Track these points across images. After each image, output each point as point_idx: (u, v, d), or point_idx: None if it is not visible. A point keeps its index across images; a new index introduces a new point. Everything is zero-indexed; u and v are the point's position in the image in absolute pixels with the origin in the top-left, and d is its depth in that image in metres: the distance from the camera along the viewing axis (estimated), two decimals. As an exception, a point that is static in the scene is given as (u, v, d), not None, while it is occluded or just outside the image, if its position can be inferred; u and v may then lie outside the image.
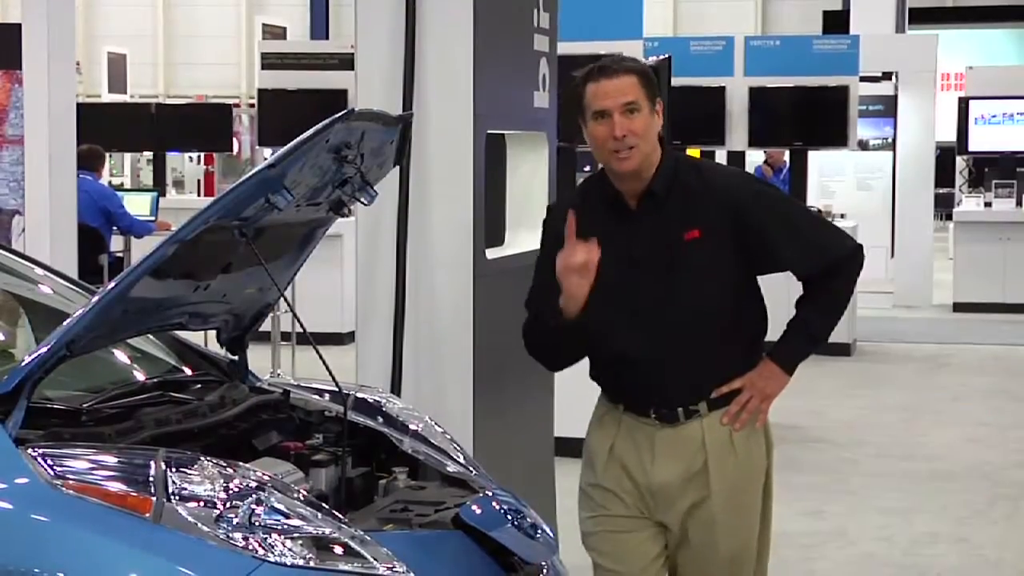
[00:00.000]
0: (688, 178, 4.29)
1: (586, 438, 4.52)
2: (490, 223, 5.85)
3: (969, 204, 19.26)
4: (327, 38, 29.56)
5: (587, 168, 18.03)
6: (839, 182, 20.02)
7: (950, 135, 19.03)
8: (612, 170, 4.28)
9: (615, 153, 4.19)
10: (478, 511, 4.33)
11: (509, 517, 4.53)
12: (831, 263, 4.33)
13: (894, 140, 19.20)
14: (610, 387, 4.46)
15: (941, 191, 20.34)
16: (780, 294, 4.76)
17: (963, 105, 18.40)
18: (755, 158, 16.67)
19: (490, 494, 4.53)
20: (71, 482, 3.91)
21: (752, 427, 4.35)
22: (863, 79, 15.27)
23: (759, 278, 4.49)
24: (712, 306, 4.28)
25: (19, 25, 10.08)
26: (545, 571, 4.47)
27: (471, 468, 4.77)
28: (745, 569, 4.46)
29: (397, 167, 4.97)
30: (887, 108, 19.73)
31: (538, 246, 6.33)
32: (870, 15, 21.07)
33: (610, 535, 4.43)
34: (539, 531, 4.71)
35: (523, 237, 6.24)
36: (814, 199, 16.16)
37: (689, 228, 4.23)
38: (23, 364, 4.14)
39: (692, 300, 4.25)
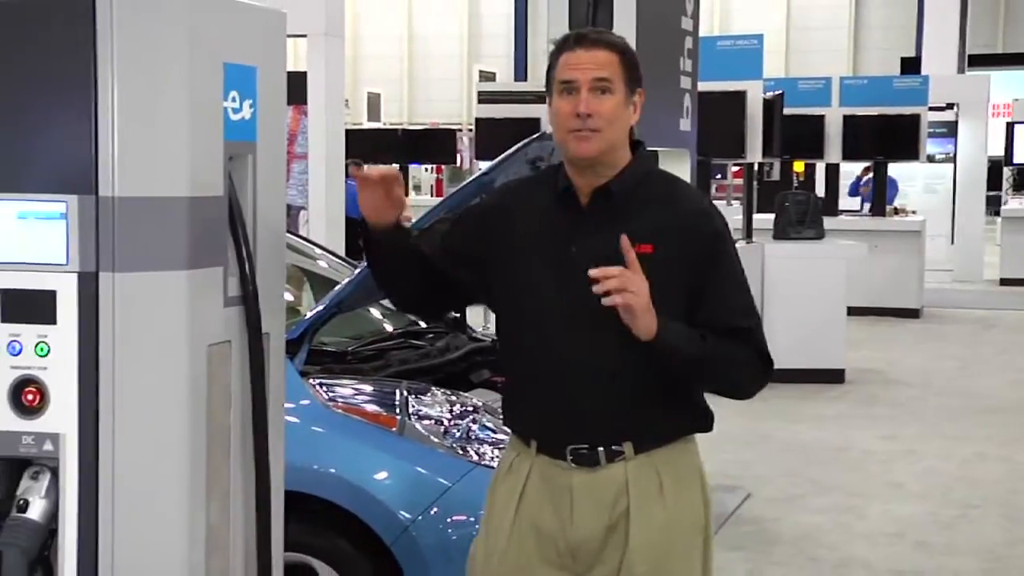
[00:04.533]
0: (657, 189, 2.81)
1: (489, 492, 2.93)
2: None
3: (1013, 204, 18.89)
4: (526, 79, 29.56)
5: (719, 176, 17.92)
6: (911, 186, 19.63)
7: (999, 151, 18.72)
8: (567, 154, 2.77)
9: (574, 132, 2.70)
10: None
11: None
12: (745, 337, 2.76)
13: (955, 155, 18.86)
14: (522, 416, 2.86)
15: (991, 194, 19.87)
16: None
17: (1009, 128, 18.16)
18: (846, 169, 16.38)
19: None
20: (340, 404, 3.99)
21: (682, 474, 2.81)
22: (931, 108, 14.92)
23: None
24: None
25: (305, 73, 10.29)
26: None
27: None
28: None
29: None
30: (949, 130, 19.38)
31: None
32: (937, 60, 20.58)
33: None
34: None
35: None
36: (892, 200, 15.92)
37: (642, 240, 2.67)
38: (306, 318, 4.23)
39: (622, 320, 2.64)
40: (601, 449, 2.75)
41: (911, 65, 23.12)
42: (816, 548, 5.99)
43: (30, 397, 2.35)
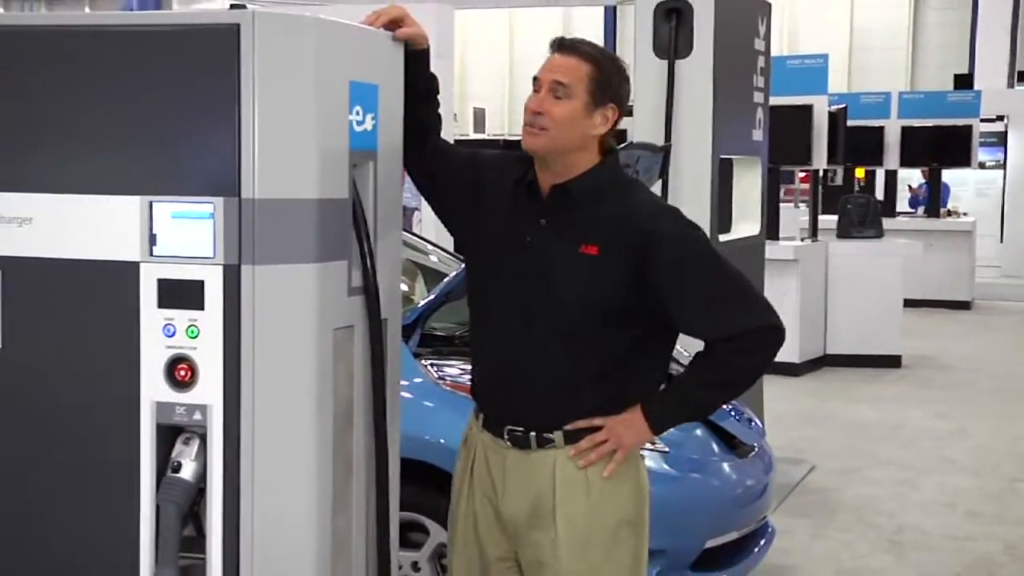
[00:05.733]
0: (613, 194, 2.59)
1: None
2: (722, 217, 5.78)
3: (1058, 206, 18.45)
4: (614, 96, 29.48)
5: (788, 181, 17.66)
6: (963, 190, 19.24)
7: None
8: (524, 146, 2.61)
9: (527, 127, 2.57)
10: (711, 408, 4.24)
11: (732, 413, 4.48)
12: (730, 336, 2.54)
13: (1004, 162, 18.43)
14: (475, 391, 2.76)
15: (1038, 197, 19.43)
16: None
17: (1056, 138, 17.75)
18: (904, 175, 16.09)
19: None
20: (448, 382, 4.00)
21: (602, 469, 2.59)
22: (983, 120, 14.58)
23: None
24: (580, 329, 2.55)
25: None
26: (756, 449, 4.40)
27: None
28: None
29: (660, 180, 4.93)
30: (999, 140, 18.95)
31: (754, 233, 6.20)
32: (989, 75, 20.12)
33: None
34: (752, 423, 4.65)
35: (744, 227, 6.15)
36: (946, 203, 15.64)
37: (588, 242, 2.53)
38: (419, 306, 4.25)
39: (562, 315, 2.55)
40: (533, 434, 2.61)
41: (964, 81, 22.61)
42: (875, 516, 5.92)
43: (182, 373, 2.39)
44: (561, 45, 2.58)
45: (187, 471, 2.41)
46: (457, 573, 2.75)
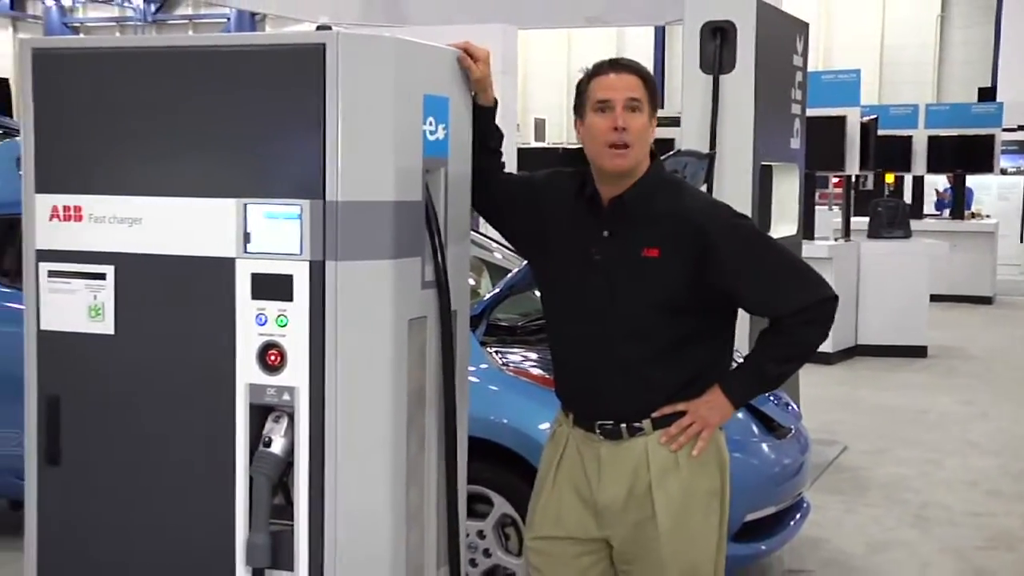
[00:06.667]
0: (664, 196, 2.56)
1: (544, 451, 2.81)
2: (762, 218, 5.73)
3: (1075, 209, 18.03)
4: (663, 108, 29.29)
5: (822, 186, 17.43)
6: (986, 194, 18.87)
7: (1064, 164, 17.91)
8: (601, 168, 2.55)
9: (611, 148, 2.50)
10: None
11: (771, 398, 4.43)
12: (797, 310, 2.55)
13: (1025, 168, 18.12)
14: (561, 391, 2.72)
15: (1057, 200, 19.01)
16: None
17: (1074, 145, 17.35)
18: (930, 180, 15.81)
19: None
20: (511, 368, 4.00)
21: (691, 449, 2.58)
22: (1005, 129, 14.30)
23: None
24: (650, 327, 2.53)
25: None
26: (793, 431, 4.35)
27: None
28: None
29: (705, 184, 4.89)
30: (1020, 148, 18.56)
31: (791, 233, 6.12)
32: (1010, 89, 19.72)
33: (549, 559, 2.72)
34: (789, 407, 4.59)
35: (782, 228, 6.09)
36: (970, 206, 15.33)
37: (649, 245, 2.51)
38: (485, 299, 4.24)
39: (632, 316, 2.53)
40: (623, 425, 2.59)
41: (987, 94, 22.18)
42: (902, 493, 5.83)
43: (273, 358, 2.41)
44: (617, 65, 2.57)
45: (277, 446, 2.42)
46: (539, 555, 2.72)
